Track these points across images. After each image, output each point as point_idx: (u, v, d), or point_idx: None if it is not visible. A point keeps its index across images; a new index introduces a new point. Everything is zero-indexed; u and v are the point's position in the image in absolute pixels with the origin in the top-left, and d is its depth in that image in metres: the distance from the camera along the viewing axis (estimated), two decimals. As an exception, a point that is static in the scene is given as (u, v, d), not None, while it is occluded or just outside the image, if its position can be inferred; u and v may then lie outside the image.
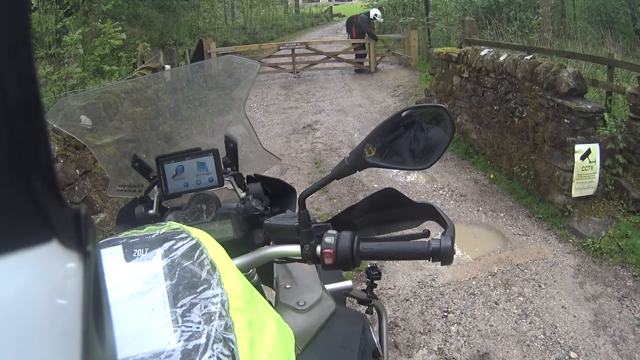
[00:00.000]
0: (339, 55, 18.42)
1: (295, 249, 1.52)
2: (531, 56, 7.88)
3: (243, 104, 2.17)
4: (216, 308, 0.87)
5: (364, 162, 1.42)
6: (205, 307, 0.87)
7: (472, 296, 5.44)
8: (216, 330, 0.85)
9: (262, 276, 1.89)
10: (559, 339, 4.78)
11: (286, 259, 1.61)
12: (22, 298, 0.39)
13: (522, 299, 5.38)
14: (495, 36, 12.92)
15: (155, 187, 1.88)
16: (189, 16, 22.64)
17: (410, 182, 8.59)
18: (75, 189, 6.07)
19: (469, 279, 5.75)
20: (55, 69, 8.91)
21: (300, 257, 1.51)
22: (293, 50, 17.96)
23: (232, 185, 1.92)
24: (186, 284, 0.90)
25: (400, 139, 1.42)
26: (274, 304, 1.72)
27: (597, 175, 6.49)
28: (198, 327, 0.85)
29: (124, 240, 1.01)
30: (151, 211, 1.88)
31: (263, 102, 15.30)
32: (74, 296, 0.44)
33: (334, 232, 1.47)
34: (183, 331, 0.84)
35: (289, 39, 27.53)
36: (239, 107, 2.18)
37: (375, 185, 8.47)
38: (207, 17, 24.82)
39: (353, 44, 18.68)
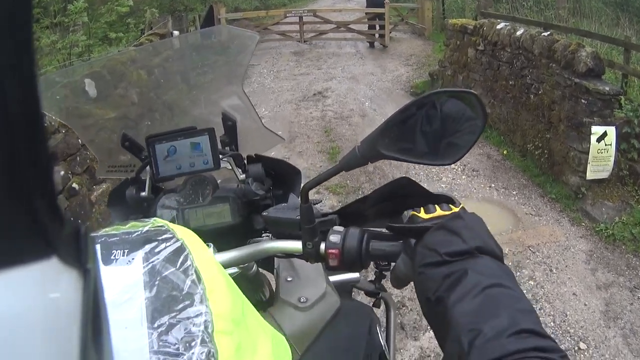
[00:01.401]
0: (349, 26, 17.65)
1: (296, 245, 1.36)
2: (548, 33, 7.71)
3: (241, 78, 2.05)
4: (198, 331, 0.76)
5: (377, 153, 1.17)
6: (186, 328, 0.76)
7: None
8: (197, 358, 0.74)
9: (263, 262, 1.75)
10: (569, 328, 4.72)
11: (287, 254, 1.46)
12: (21, 314, 0.38)
13: (532, 283, 5.32)
14: (511, 10, 12.73)
15: (147, 167, 1.76)
16: (201, -20, 22.37)
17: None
18: (77, 159, 5.99)
19: (480, 259, 5.63)
20: (60, 37, 8.81)
21: (302, 255, 1.35)
22: (301, 18, 17.40)
23: (231, 167, 1.80)
24: (166, 297, 0.79)
25: (421, 127, 1.15)
26: (274, 298, 1.65)
27: (612, 159, 6.39)
28: (177, 354, 0.74)
29: (102, 239, 0.88)
30: (143, 193, 1.78)
31: (274, 67, 15.10)
32: (73, 313, 0.44)
33: (341, 229, 1.31)
34: (159, 358, 0.73)
35: (300, 5, 27.02)
36: (237, 82, 2.05)
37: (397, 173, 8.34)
38: (219, -19, 24.54)
39: (367, 13, 17.50)
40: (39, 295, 0.40)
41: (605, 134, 6.29)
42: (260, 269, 1.74)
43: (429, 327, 4.64)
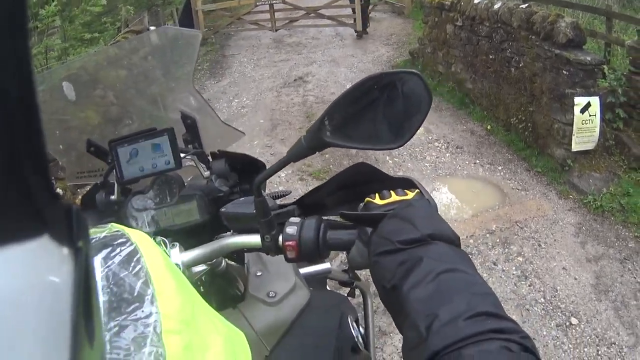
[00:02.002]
0: (320, 12, 16.62)
1: (255, 239, 1.37)
2: (527, 5, 7.63)
3: (191, 76, 2.07)
4: (148, 331, 0.75)
5: (322, 142, 1.17)
6: (136, 329, 0.75)
7: (470, 256, 5.28)
8: (146, 359, 0.73)
9: (237, 257, 1.78)
10: (559, 304, 4.68)
11: (248, 249, 1.48)
12: (11, 293, 0.38)
13: (521, 259, 5.28)
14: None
15: (114, 171, 1.75)
16: (179, -28, 22.18)
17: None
18: (59, 164, 5.83)
19: (467, 237, 5.64)
20: (37, 42, 8.74)
21: (262, 248, 1.36)
22: (271, 5, 16.57)
23: (195, 164, 1.82)
24: (119, 300, 0.78)
25: (365, 112, 1.15)
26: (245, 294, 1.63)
27: (597, 129, 6.33)
28: (127, 355, 0.73)
29: None
30: (112, 196, 1.78)
31: (253, 56, 14.95)
32: (64, 292, 0.43)
33: (297, 220, 1.32)
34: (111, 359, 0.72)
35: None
36: (187, 80, 2.08)
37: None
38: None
39: None
40: (31, 274, 0.40)
41: (589, 105, 6.22)
42: (234, 263, 1.75)
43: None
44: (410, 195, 1.24)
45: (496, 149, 7.62)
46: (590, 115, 6.24)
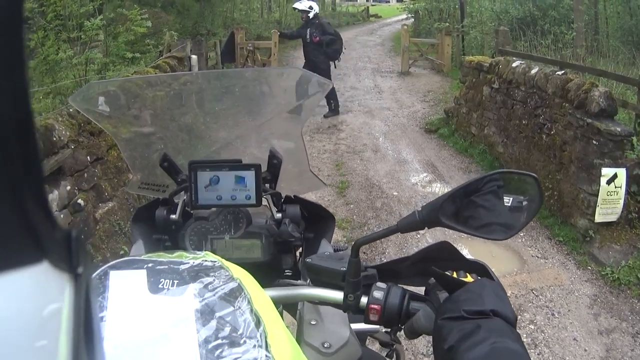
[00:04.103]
0: None
1: (337, 295, 1.39)
2: (563, 72, 7.62)
3: (303, 122, 2.08)
4: None
5: (437, 220, 1.26)
6: None
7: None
8: None
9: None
10: (566, 375, 4.56)
11: (324, 302, 1.48)
12: (10, 319, 0.38)
13: (533, 327, 5.18)
14: (529, 48, 12.70)
15: (183, 192, 1.78)
16: (225, 7, 22.50)
17: (430, 192, 8.35)
18: (84, 176, 6.00)
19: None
20: (77, 53, 8.88)
21: (341, 305, 1.39)
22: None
23: (268, 204, 1.82)
24: (224, 337, 0.73)
25: (482, 202, 1.28)
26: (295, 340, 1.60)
27: (621, 201, 6.24)
28: None
29: (149, 265, 0.85)
30: (173, 216, 1.78)
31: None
32: (64, 319, 0.43)
33: (384, 285, 1.35)
34: None
35: (322, 36, 27.34)
36: (297, 124, 2.09)
37: (394, 193, 8.34)
38: (244, 9, 24.74)
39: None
40: (31, 300, 0.40)
41: (615, 176, 6.15)
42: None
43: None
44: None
45: (520, 215, 7.50)
46: (616, 187, 6.16)
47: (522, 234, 6.85)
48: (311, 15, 12.43)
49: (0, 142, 0.37)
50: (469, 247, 6.35)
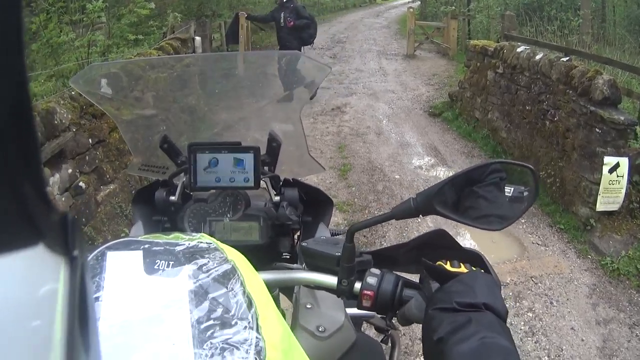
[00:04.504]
0: None
1: (331, 280, 1.38)
2: (568, 58, 7.56)
3: (301, 106, 2.06)
4: (250, 358, 0.71)
5: (431, 208, 1.26)
6: (238, 354, 0.70)
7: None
8: None
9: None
10: (562, 364, 4.56)
11: (317, 287, 1.47)
12: (6, 301, 0.38)
13: (531, 315, 5.19)
14: (535, 34, 12.65)
15: (182, 173, 1.77)
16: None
17: (433, 176, 8.34)
18: (86, 159, 6.02)
19: (481, 286, 5.51)
20: (79, 35, 8.88)
21: (335, 290, 1.39)
22: None
23: (267, 187, 1.81)
24: (216, 318, 0.74)
25: (477, 192, 1.29)
26: (290, 322, 1.61)
27: (623, 191, 6.21)
28: None
29: (146, 246, 0.85)
30: (173, 198, 1.78)
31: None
32: (59, 301, 0.43)
33: (378, 272, 1.35)
34: None
35: (328, 19, 27.30)
36: (296, 108, 2.07)
37: (396, 176, 8.36)
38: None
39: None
40: (26, 283, 0.40)
41: (617, 165, 6.12)
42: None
43: (419, 353, 4.57)
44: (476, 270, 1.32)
45: (521, 202, 7.49)
46: (617, 176, 6.14)
47: (523, 221, 6.84)
48: None
49: None
50: (470, 232, 6.33)
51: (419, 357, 4.56)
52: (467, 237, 6.30)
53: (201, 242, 0.88)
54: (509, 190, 1.30)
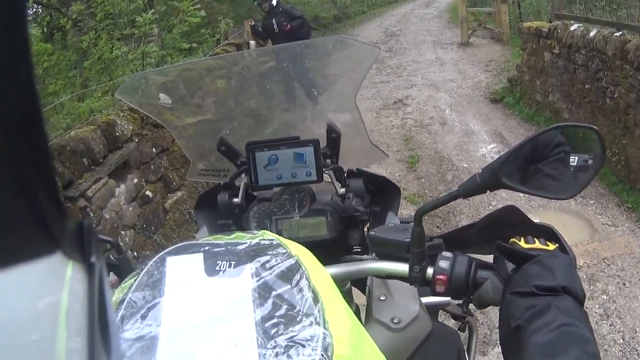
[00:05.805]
0: None
1: (402, 268, 1.34)
2: (620, 33, 7.40)
3: (355, 92, 1.98)
4: (317, 354, 0.69)
5: (498, 182, 1.21)
6: (303, 351, 0.69)
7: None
8: None
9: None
10: (637, 346, 4.49)
11: (389, 276, 1.43)
12: (26, 311, 0.38)
13: (605, 297, 5.09)
14: (584, 11, 12.35)
15: (243, 174, 1.77)
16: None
17: (492, 159, 8.23)
18: (151, 168, 6.16)
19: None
20: (131, 49, 9.04)
21: (407, 278, 1.34)
22: None
23: (331, 180, 1.78)
24: (280, 316, 0.73)
25: (547, 172, 1.21)
26: (364, 316, 1.60)
27: (689, 166, 6.03)
28: None
29: (206, 248, 0.85)
30: (236, 200, 1.77)
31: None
32: (79, 309, 0.44)
33: (449, 254, 1.30)
34: None
35: (379, 12, 27.22)
36: (350, 95, 2.00)
37: (465, 165, 8.33)
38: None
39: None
40: (45, 292, 0.40)
41: (680, 139, 5.96)
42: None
43: (498, 344, 4.52)
44: (552, 247, 1.26)
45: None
46: (681, 151, 5.97)
47: (592, 202, 6.74)
48: (274, 2, 11.14)
49: (10, 135, 0.38)
50: (539, 217, 6.26)
51: (497, 347, 4.52)
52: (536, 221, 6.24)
53: (263, 239, 0.87)
54: (573, 160, 1.21)
